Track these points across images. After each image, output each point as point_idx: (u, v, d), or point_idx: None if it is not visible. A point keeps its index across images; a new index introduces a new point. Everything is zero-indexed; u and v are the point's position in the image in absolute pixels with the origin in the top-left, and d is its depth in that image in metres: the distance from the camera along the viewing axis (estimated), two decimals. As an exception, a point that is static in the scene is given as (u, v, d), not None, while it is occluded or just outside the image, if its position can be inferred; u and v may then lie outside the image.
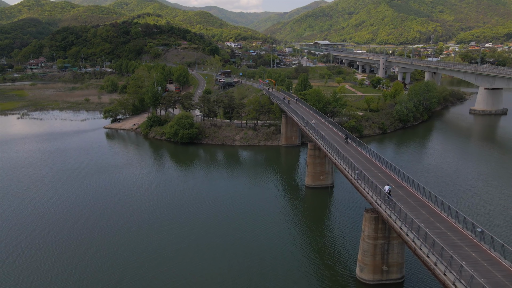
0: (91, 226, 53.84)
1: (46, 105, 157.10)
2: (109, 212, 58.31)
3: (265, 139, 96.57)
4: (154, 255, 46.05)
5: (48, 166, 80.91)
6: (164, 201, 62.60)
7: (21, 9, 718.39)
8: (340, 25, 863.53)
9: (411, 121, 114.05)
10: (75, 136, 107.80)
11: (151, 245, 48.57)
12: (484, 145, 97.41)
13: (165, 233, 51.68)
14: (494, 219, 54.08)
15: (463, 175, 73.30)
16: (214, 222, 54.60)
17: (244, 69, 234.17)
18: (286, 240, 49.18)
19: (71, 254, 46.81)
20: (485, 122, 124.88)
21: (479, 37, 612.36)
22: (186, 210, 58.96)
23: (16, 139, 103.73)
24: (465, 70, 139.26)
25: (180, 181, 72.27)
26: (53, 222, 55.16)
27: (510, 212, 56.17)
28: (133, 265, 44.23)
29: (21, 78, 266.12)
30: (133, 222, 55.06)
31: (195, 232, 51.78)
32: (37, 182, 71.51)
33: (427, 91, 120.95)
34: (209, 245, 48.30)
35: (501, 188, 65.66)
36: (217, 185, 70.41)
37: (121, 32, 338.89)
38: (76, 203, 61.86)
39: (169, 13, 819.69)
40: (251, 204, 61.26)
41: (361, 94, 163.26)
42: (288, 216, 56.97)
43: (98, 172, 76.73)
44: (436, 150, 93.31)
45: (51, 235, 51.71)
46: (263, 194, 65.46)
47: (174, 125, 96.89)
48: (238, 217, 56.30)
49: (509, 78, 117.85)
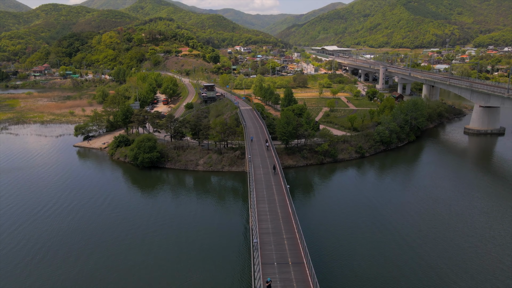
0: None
1: (30, 118, 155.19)
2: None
3: (229, 164, 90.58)
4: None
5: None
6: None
7: (38, 13, 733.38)
8: (355, 28, 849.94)
9: (394, 143, 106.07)
10: (41, 154, 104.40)
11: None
12: (477, 173, 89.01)
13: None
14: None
15: (441, 216, 65.63)
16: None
17: (241, 78, 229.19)
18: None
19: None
20: (480, 143, 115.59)
21: (498, 40, 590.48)
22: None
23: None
24: (461, 85, 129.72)
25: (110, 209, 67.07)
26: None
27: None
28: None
29: (23, 86, 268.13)
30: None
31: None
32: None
33: (415, 109, 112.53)
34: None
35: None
36: (160, 211, 64.90)
37: (125, 38, 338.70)
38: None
39: (182, 16, 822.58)
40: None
41: (353, 107, 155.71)
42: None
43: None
44: (415, 179, 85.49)
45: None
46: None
47: (135, 148, 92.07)
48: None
49: (504, 98, 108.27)
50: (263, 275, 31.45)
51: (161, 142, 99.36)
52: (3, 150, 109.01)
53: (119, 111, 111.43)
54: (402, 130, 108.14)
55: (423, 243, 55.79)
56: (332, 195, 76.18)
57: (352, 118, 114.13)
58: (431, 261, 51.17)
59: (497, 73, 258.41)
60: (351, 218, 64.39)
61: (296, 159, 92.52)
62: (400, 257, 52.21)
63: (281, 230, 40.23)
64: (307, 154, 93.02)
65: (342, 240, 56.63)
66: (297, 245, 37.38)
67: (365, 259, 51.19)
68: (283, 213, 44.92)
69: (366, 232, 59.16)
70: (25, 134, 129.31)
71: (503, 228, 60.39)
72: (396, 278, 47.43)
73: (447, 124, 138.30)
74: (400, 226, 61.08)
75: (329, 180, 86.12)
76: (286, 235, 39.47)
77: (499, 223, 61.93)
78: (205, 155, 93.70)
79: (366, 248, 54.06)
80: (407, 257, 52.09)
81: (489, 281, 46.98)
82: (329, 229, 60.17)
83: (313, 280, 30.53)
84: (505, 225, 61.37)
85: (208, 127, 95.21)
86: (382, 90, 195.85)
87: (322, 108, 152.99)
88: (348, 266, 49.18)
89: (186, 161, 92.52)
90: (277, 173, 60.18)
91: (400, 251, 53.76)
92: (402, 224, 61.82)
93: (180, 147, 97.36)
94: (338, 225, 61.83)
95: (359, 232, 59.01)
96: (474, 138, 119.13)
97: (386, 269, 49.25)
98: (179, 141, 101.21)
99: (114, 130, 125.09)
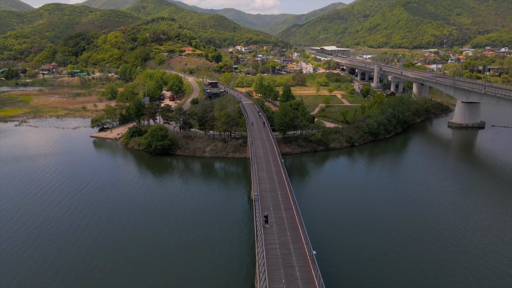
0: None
1: (45, 112, 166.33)
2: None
3: (233, 151, 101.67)
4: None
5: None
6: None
7: (42, 13, 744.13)
8: (355, 28, 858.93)
9: (382, 134, 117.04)
10: (62, 144, 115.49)
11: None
12: (457, 160, 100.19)
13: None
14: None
15: (415, 192, 76.84)
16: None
17: (242, 76, 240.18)
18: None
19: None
20: (462, 136, 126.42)
21: (495, 41, 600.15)
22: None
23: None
24: (445, 83, 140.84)
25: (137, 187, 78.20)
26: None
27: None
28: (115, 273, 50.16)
29: (33, 83, 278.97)
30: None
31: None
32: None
33: (402, 104, 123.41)
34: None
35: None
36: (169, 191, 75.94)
37: (130, 38, 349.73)
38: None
39: (184, 16, 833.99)
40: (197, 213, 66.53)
41: (347, 104, 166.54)
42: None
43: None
44: (396, 164, 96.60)
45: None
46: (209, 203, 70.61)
47: (148, 136, 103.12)
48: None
49: (482, 94, 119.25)
50: (262, 215, 42.13)
51: (171, 132, 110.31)
52: (29, 141, 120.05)
53: (132, 105, 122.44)
54: (389, 123, 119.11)
55: (388, 207, 67.20)
56: (322, 172, 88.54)
57: (344, 112, 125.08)
58: (392, 222, 62.30)
59: (489, 73, 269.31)
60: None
61: (292, 147, 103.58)
62: (368, 212, 64.58)
63: (276, 189, 51.28)
64: (302, 143, 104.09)
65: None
66: (288, 197, 48.56)
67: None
68: (278, 178, 56.09)
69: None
70: (44, 127, 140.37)
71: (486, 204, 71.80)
72: (367, 229, 58.64)
73: (434, 119, 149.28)
74: (373, 195, 72.51)
75: (321, 164, 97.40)
76: (280, 192, 50.56)
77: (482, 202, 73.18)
78: (211, 143, 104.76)
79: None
80: (377, 213, 63.32)
81: (436, 237, 57.94)
82: (316, 190, 74.81)
83: (299, 217, 41.52)
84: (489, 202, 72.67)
85: (214, 118, 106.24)
86: (376, 88, 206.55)
87: (319, 104, 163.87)
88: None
89: (194, 148, 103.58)
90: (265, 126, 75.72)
91: (370, 208, 65.09)
92: (375, 194, 73.14)
93: (189, 136, 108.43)
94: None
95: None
96: (457, 131, 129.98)
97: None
98: (187, 131, 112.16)
99: (126, 123, 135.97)
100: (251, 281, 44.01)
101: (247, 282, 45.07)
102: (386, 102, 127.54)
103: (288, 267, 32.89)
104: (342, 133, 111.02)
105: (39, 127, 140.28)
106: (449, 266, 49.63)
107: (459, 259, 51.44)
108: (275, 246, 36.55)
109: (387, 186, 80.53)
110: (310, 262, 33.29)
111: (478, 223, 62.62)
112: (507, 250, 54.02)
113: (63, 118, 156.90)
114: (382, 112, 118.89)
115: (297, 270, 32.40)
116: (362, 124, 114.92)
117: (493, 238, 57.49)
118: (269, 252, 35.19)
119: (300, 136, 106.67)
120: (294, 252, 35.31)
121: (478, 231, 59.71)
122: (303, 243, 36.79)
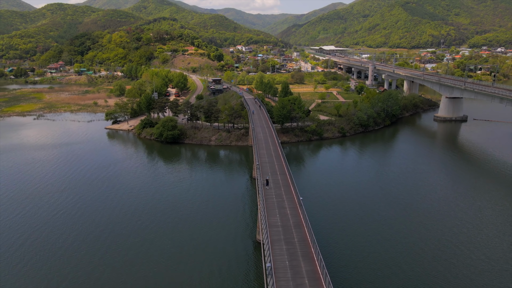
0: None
1: (59, 107, 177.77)
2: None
3: (236, 140, 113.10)
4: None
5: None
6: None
7: (44, 13, 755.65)
8: (354, 28, 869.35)
9: (371, 126, 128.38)
10: (80, 134, 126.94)
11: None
12: (442, 149, 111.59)
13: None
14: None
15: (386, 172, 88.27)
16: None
17: (243, 74, 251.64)
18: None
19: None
20: (446, 128, 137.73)
21: (492, 41, 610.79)
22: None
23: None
24: (432, 80, 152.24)
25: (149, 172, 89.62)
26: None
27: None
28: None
29: (41, 81, 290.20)
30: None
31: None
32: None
33: (390, 99, 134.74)
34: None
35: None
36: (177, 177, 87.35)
37: (134, 38, 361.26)
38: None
39: (185, 16, 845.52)
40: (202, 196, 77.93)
41: (342, 100, 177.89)
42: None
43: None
44: (382, 153, 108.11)
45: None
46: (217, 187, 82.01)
47: (160, 127, 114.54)
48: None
49: (462, 89, 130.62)
50: (264, 178, 53.47)
51: (179, 124, 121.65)
52: (50, 133, 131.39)
53: (143, 99, 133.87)
54: (378, 116, 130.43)
55: (373, 187, 78.45)
56: (316, 158, 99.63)
57: (338, 106, 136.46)
58: (377, 204, 73.71)
59: (480, 72, 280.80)
60: (326, 164, 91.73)
61: (290, 136, 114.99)
62: (354, 192, 75.38)
63: (273, 160, 63.03)
64: (298, 133, 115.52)
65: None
66: (283, 166, 60.43)
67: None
68: (275, 153, 67.93)
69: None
70: (60, 120, 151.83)
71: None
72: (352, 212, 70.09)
73: (422, 114, 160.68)
74: (360, 174, 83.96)
75: (316, 151, 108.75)
76: (276, 162, 62.25)
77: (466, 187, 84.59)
78: (216, 133, 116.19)
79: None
80: (363, 193, 74.79)
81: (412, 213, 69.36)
82: (310, 171, 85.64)
83: (291, 179, 53.09)
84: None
85: (219, 110, 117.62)
86: (371, 86, 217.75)
87: (315, 100, 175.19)
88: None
89: (201, 137, 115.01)
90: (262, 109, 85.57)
91: (354, 189, 76.56)
92: (362, 174, 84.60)
93: (196, 127, 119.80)
94: (317, 168, 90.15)
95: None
96: (441, 124, 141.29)
97: (344, 193, 72.90)
98: (194, 122, 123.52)
99: (137, 116, 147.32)
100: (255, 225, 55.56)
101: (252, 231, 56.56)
102: (376, 97, 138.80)
103: (281, 208, 44.22)
104: (335, 124, 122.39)
105: (56, 120, 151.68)
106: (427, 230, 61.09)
107: (436, 229, 62.93)
108: (272, 196, 47.94)
109: (372, 167, 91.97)
110: (298, 206, 44.54)
111: (461, 195, 74.59)
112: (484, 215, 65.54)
113: (76, 112, 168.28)
114: (372, 106, 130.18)
115: (288, 210, 43.71)
116: (353, 116, 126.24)
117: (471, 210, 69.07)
118: (267, 200, 46.53)
119: (296, 127, 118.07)
120: (286, 199, 46.70)
121: (459, 205, 71.29)
122: (293, 193, 48.15)
